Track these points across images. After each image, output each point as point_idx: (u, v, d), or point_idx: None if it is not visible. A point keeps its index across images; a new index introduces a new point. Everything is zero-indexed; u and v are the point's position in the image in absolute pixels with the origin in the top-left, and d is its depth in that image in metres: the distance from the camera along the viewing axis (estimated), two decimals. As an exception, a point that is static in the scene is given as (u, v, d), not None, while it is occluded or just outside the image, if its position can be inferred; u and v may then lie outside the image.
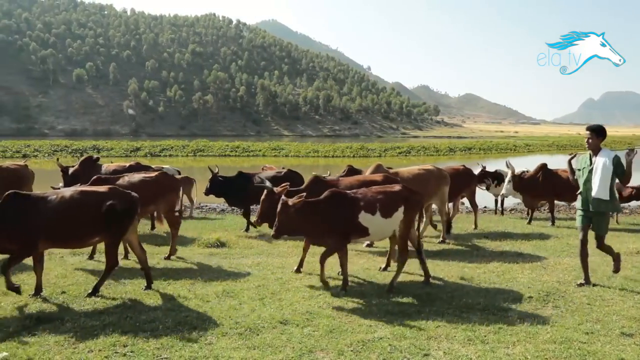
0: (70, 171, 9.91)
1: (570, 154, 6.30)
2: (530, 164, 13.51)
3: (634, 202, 12.88)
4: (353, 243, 6.65)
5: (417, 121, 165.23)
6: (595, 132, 5.72)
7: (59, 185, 8.88)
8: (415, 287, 5.71)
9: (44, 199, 5.08)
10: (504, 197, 12.40)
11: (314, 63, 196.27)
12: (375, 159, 36.87)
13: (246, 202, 9.96)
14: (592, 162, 5.72)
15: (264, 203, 6.26)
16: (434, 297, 5.30)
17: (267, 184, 6.78)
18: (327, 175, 8.70)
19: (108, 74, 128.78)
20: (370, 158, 38.34)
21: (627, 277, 6.07)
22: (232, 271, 6.46)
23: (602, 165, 5.56)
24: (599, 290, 5.54)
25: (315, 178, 7.40)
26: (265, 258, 7.39)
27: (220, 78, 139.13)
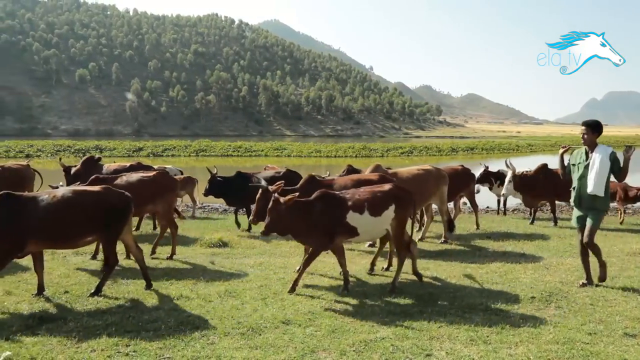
0: (72, 171, 10.00)
1: (562, 147, 6.05)
2: (532, 164, 13.46)
3: (639, 204, 12.73)
4: (347, 243, 6.63)
5: (419, 121, 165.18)
6: (591, 127, 5.62)
7: (59, 184, 8.91)
8: (417, 288, 5.71)
9: (35, 199, 5.01)
10: (505, 197, 12.37)
11: (316, 63, 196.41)
12: (377, 159, 36.85)
13: (245, 202, 9.97)
14: (588, 157, 5.65)
15: (259, 202, 6.28)
16: (436, 297, 5.29)
17: (263, 183, 6.79)
18: (326, 176, 8.70)
19: (111, 74, 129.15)
20: (373, 158, 38.29)
21: (630, 278, 6.05)
22: (234, 271, 6.47)
23: (599, 161, 5.50)
24: (602, 290, 5.52)
25: (310, 177, 7.40)
26: (267, 258, 7.40)
27: (222, 78, 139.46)
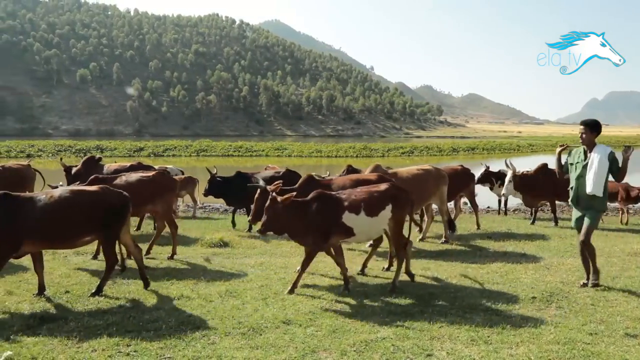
0: (73, 171, 10.02)
1: (560, 145, 5.99)
2: (533, 164, 13.45)
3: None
4: (347, 244, 6.61)
5: (420, 121, 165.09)
6: (590, 126, 5.59)
7: (59, 184, 8.92)
8: (417, 288, 5.71)
9: (32, 199, 4.99)
10: (505, 197, 12.36)
11: (317, 63, 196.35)
12: (378, 159, 36.83)
13: (245, 202, 9.97)
14: (586, 157, 5.62)
15: (258, 202, 6.28)
16: (437, 297, 5.29)
17: (261, 182, 6.80)
18: (326, 176, 8.70)
19: (112, 74, 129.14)
20: (373, 158, 38.27)
21: (632, 278, 6.04)
22: (235, 271, 6.47)
23: (597, 161, 5.47)
24: (603, 290, 5.51)
25: (308, 177, 7.39)
26: (268, 258, 7.41)
27: (223, 78, 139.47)
